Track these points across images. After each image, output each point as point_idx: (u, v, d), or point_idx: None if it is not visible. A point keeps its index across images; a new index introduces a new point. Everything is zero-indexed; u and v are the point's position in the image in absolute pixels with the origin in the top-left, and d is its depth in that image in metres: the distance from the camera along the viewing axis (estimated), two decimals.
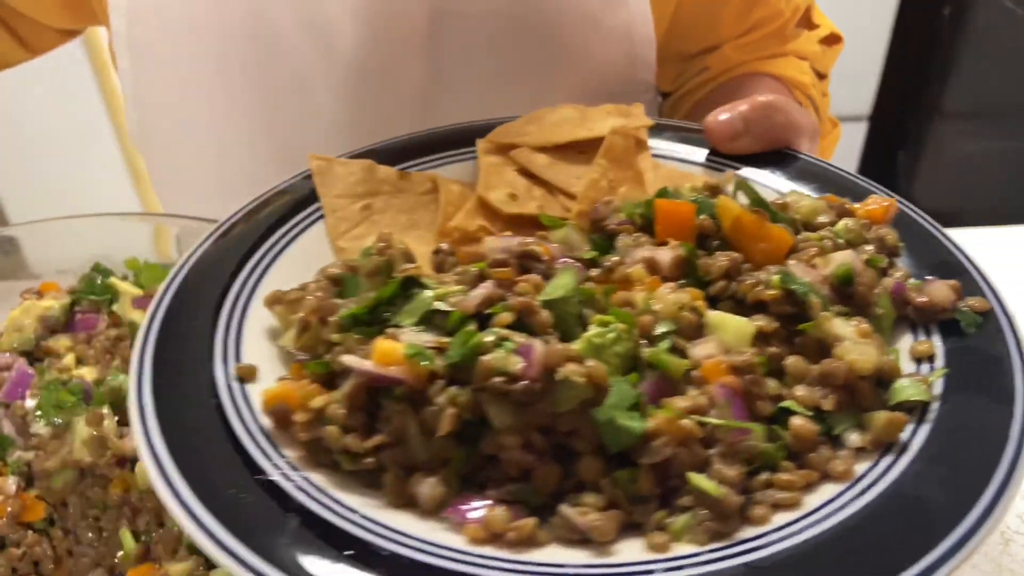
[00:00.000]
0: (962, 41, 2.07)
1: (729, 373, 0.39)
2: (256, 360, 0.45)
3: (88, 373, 0.59)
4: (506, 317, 0.40)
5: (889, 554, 0.34)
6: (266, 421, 0.41)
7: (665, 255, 0.45)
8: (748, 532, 0.35)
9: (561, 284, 0.41)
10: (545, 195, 0.57)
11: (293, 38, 0.75)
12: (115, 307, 0.65)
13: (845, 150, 0.93)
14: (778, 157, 0.60)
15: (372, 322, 0.42)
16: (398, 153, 0.63)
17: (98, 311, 0.65)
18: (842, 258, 0.45)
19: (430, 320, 0.41)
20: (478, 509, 0.36)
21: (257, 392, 0.43)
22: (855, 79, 2.24)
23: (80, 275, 0.67)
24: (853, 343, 0.40)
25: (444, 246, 0.48)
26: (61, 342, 0.63)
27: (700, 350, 0.40)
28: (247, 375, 0.43)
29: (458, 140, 0.64)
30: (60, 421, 0.56)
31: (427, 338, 0.40)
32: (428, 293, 0.41)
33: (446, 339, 0.39)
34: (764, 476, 0.38)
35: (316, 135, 0.79)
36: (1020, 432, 0.38)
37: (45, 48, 0.87)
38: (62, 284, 0.68)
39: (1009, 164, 2.13)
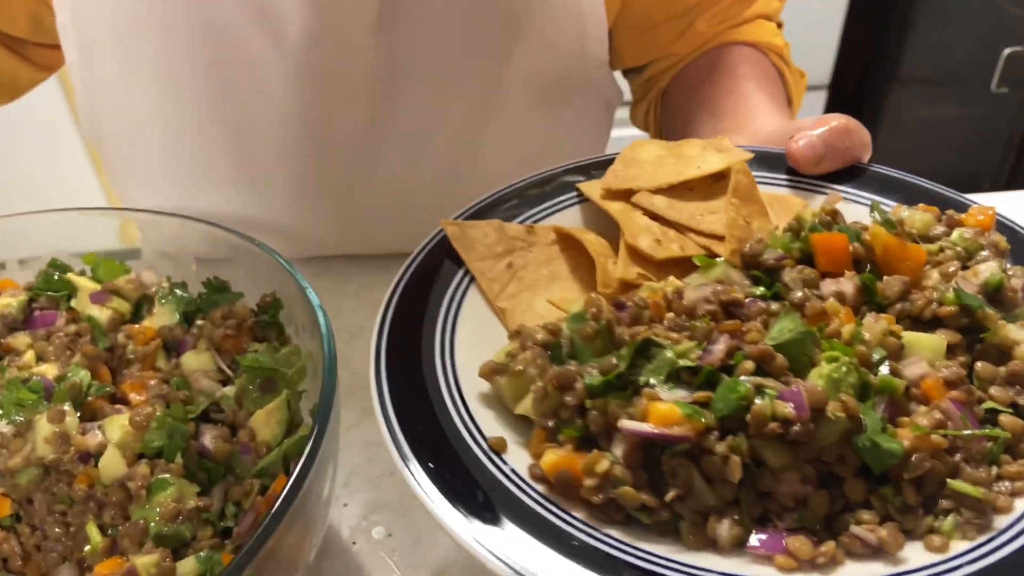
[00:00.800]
0: (919, 8, 2.19)
1: (948, 388, 0.45)
2: (486, 429, 0.48)
3: (48, 370, 0.59)
4: (749, 365, 0.44)
5: None
6: (539, 487, 0.44)
7: (848, 286, 0.50)
8: (1004, 521, 0.42)
9: (788, 327, 0.46)
10: (679, 235, 0.61)
11: (241, 25, 0.76)
12: (73, 302, 0.65)
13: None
14: (856, 172, 0.67)
15: (621, 385, 0.46)
16: (503, 207, 0.66)
17: (56, 307, 0.65)
18: (989, 268, 0.52)
19: (677, 376, 0.45)
20: (777, 540, 0.41)
21: (516, 460, 0.46)
22: (815, 48, 2.35)
23: (38, 271, 0.66)
24: None
25: (637, 299, 0.52)
26: (20, 339, 0.63)
27: (913, 370, 0.46)
28: (500, 447, 0.47)
29: (554, 189, 0.68)
30: (21, 419, 0.56)
31: (682, 393, 0.44)
32: (669, 353, 0.45)
33: (702, 393, 0.44)
34: (994, 470, 0.44)
35: (268, 121, 0.81)
36: None
37: (57, 66, 0.89)
38: (28, 275, 0.67)
39: (964, 129, 2.31)
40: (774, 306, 0.51)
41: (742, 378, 0.44)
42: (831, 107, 2.67)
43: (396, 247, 0.93)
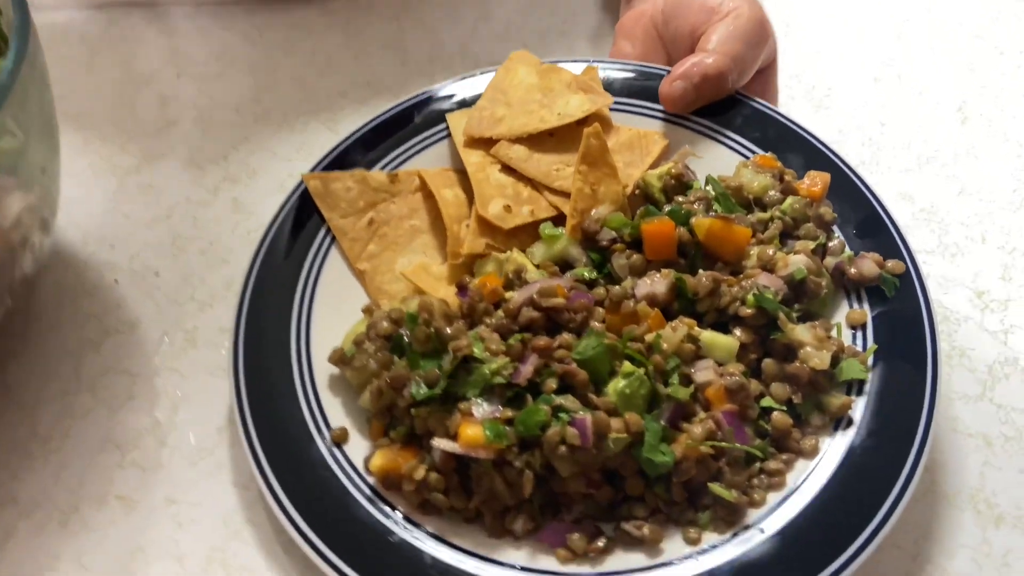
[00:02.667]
0: None
1: (726, 396, 0.51)
2: (331, 411, 0.55)
3: None
4: (552, 384, 0.50)
5: (848, 521, 0.49)
6: (371, 479, 0.52)
7: (661, 287, 0.55)
8: (753, 515, 0.50)
9: (590, 345, 0.51)
10: (532, 194, 0.64)
11: None
12: None
13: None
14: (725, 105, 0.68)
15: (443, 397, 0.51)
16: (368, 144, 0.67)
17: None
18: (796, 262, 0.56)
19: (491, 390, 0.51)
20: (559, 536, 0.50)
21: (353, 451, 0.53)
22: None
23: None
24: (814, 349, 0.53)
25: (472, 292, 0.56)
26: None
27: (701, 376, 0.52)
28: (341, 438, 0.54)
29: (424, 121, 0.68)
30: None
31: (490, 408, 0.50)
32: (486, 369, 0.51)
33: (507, 411, 0.50)
34: (757, 465, 0.52)
35: None
36: (932, 393, 0.52)
37: None
38: None
39: None
40: (599, 291, 0.56)
41: (543, 396, 0.50)
42: None
43: None
